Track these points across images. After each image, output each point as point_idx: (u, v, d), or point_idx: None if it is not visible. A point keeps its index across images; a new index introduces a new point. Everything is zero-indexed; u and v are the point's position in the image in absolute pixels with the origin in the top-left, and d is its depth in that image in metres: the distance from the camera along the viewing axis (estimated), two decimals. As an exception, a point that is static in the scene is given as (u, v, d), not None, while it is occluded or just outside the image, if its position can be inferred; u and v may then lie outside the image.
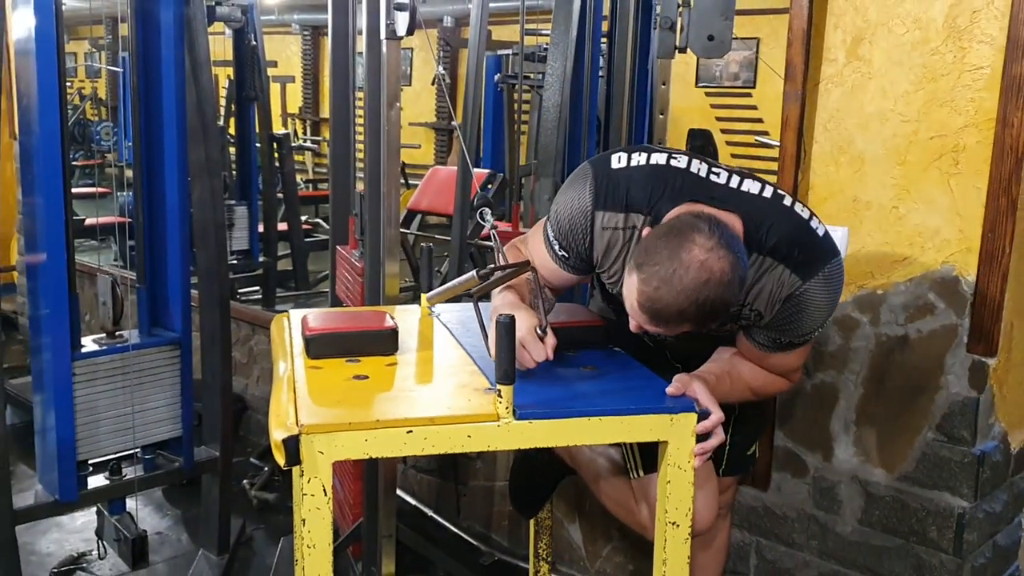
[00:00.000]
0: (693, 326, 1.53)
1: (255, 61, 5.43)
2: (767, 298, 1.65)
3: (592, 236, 1.72)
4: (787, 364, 1.81)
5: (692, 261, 1.47)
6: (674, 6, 2.52)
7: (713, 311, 1.51)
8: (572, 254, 1.77)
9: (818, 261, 1.66)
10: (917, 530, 2.25)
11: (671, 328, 1.54)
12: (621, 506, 2.02)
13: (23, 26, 2.39)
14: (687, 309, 1.48)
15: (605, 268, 1.76)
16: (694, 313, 1.49)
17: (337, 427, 1.40)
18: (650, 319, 1.53)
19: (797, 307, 1.65)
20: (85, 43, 12.22)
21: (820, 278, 1.65)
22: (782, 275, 1.63)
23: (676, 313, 1.49)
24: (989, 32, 2.04)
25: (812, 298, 1.65)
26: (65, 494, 2.58)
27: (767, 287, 1.64)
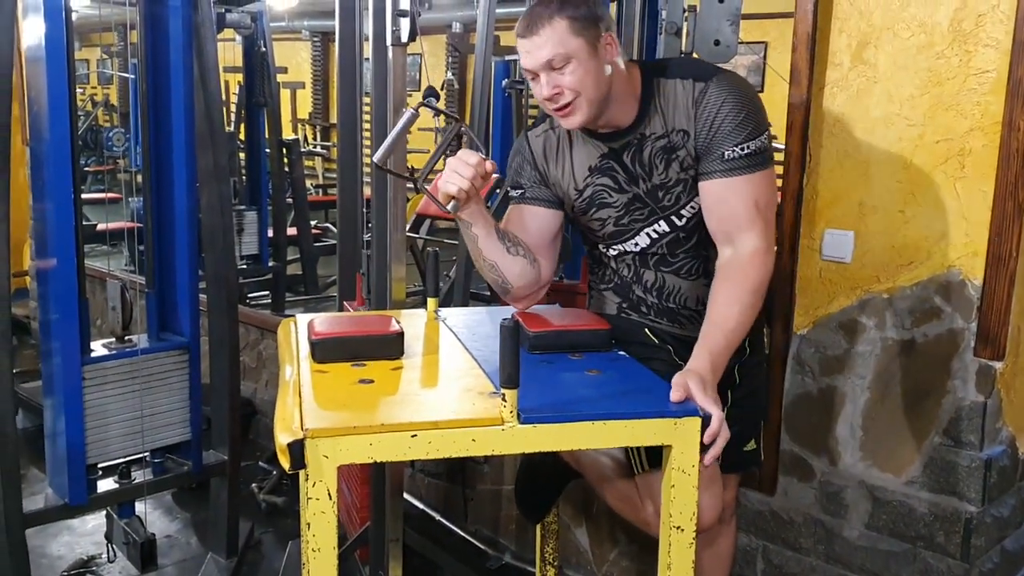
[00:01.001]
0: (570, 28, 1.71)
1: (265, 67, 5.46)
2: (682, 111, 1.81)
3: (531, 152, 1.97)
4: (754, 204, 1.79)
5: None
6: (680, 11, 2.54)
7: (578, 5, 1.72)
8: (525, 181, 1.98)
9: (713, 68, 1.85)
10: (924, 535, 2.25)
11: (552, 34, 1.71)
12: (626, 504, 2.03)
13: (33, 33, 2.41)
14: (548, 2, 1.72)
15: (555, 172, 1.94)
16: (556, 4, 1.72)
17: (342, 431, 1.41)
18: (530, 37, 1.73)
19: (711, 107, 1.79)
20: (98, 50, 12.28)
21: (720, 77, 1.81)
22: (685, 85, 1.82)
23: (544, 13, 1.72)
24: (994, 36, 2.04)
25: (720, 93, 1.79)
26: (75, 498, 2.59)
27: (674, 100, 1.82)
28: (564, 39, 1.72)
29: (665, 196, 1.89)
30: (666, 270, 1.96)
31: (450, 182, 1.76)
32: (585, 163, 1.93)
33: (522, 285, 1.93)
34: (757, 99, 1.82)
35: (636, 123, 1.86)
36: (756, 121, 1.79)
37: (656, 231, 1.93)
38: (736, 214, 1.80)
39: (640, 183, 1.90)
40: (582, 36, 1.73)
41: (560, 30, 1.72)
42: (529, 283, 1.94)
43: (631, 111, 1.85)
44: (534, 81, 1.78)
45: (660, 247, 1.95)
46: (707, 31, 2.44)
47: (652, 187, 1.89)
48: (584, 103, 1.77)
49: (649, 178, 1.89)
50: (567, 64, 1.73)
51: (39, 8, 2.36)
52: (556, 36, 1.72)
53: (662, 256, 1.96)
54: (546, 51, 1.73)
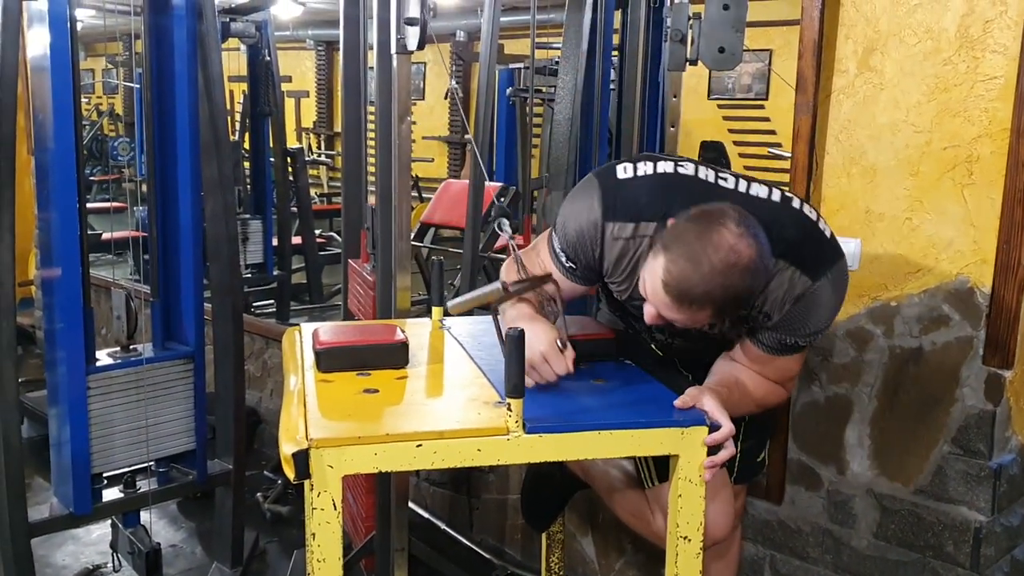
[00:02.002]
0: (713, 314, 1.55)
1: (269, 76, 5.47)
2: (777, 299, 1.67)
3: (603, 247, 1.73)
4: (787, 370, 1.81)
5: (722, 243, 1.49)
6: (685, 19, 2.53)
7: (737, 297, 1.53)
8: (580, 265, 1.78)
9: (826, 262, 1.69)
10: (933, 544, 2.23)
11: (691, 313, 1.54)
12: (636, 517, 2.01)
13: (38, 43, 2.42)
14: (713, 291, 1.50)
15: (615, 278, 1.77)
16: (720, 296, 1.50)
17: (346, 441, 1.40)
18: (673, 301, 1.53)
19: (806, 307, 1.68)
20: (103, 60, 12.33)
21: (828, 279, 1.68)
22: (792, 276, 1.65)
23: (702, 294, 1.50)
24: (1002, 42, 2.03)
25: (820, 298, 1.68)
26: (80, 507, 2.59)
27: (777, 288, 1.66)
28: (702, 320, 1.57)
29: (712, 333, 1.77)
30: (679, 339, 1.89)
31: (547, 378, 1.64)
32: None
33: None
34: (843, 299, 1.75)
35: None
36: (830, 322, 1.74)
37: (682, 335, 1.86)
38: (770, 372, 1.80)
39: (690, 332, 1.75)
40: (719, 317, 1.59)
41: (704, 315, 1.55)
42: None
43: None
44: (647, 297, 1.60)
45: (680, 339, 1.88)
46: (712, 39, 2.43)
47: (699, 335, 1.76)
48: None
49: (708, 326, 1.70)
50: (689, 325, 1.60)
51: (44, 18, 2.36)
52: (696, 318, 1.56)
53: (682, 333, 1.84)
54: (678, 318, 1.57)
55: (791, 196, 1.72)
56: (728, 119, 8.64)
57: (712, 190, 1.67)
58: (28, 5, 2.39)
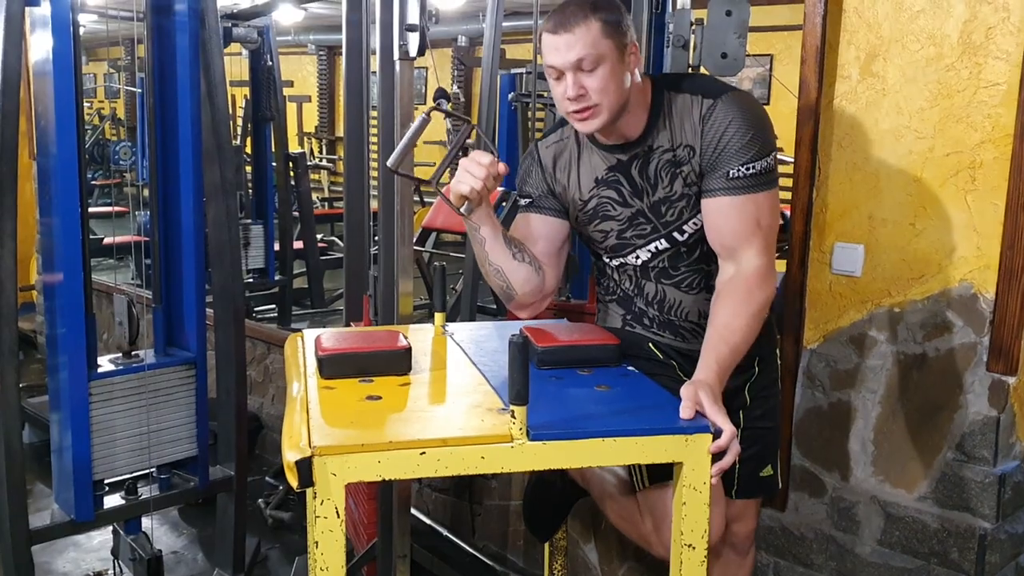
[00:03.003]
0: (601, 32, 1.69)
1: (271, 81, 5.47)
2: (690, 126, 1.80)
3: (540, 161, 1.96)
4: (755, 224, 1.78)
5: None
6: (687, 24, 2.53)
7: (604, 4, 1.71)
8: (534, 190, 1.97)
9: (724, 87, 1.82)
10: (938, 551, 2.22)
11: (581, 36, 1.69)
12: (626, 520, 2.01)
13: (41, 48, 2.42)
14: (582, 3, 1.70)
15: (563, 181, 1.94)
16: (590, 6, 1.70)
17: (350, 449, 1.39)
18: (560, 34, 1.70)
19: (718, 125, 1.77)
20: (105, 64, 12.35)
21: (729, 95, 1.79)
22: (694, 100, 1.80)
23: (577, 12, 1.70)
24: (1004, 48, 2.03)
25: (727, 111, 1.77)
26: (81, 514, 2.58)
27: (682, 115, 1.81)
28: (597, 40, 1.70)
29: (668, 211, 1.88)
30: (667, 283, 1.95)
31: (462, 182, 1.75)
32: (592, 174, 1.92)
33: (526, 292, 1.92)
34: (766, 119, 1.80)
35: (644, 135, 1.85)
36: (763, 141, 1.78)
37: (657, 247, 1.92)
38: (738, 232, 1.79)
39: (644, 197, 1.89)
40: (612, 40, 1.71)
41: (594, 31, 1.70)
42: (533, 290, 1.93)
43: (640, 123, 1.84)
44: (557, 80, 1.76)
45: (661, 261, 1.94)
46: (714, 44, 2.43)
47: (655, 201, 1.88)
48: (605, 108, 1.76)
49: (653, 192, 1.87)
50: (597, 67, 1.72)
51: (47, 23, 2.36)
52: (590, 36, 1.70)
53: (663, 269, 1.95)
54: (577, 50, 1.70)
55: None
56: (729, 124, 8.63)
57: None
58: (31, 10, 2.39)
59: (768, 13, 6.82)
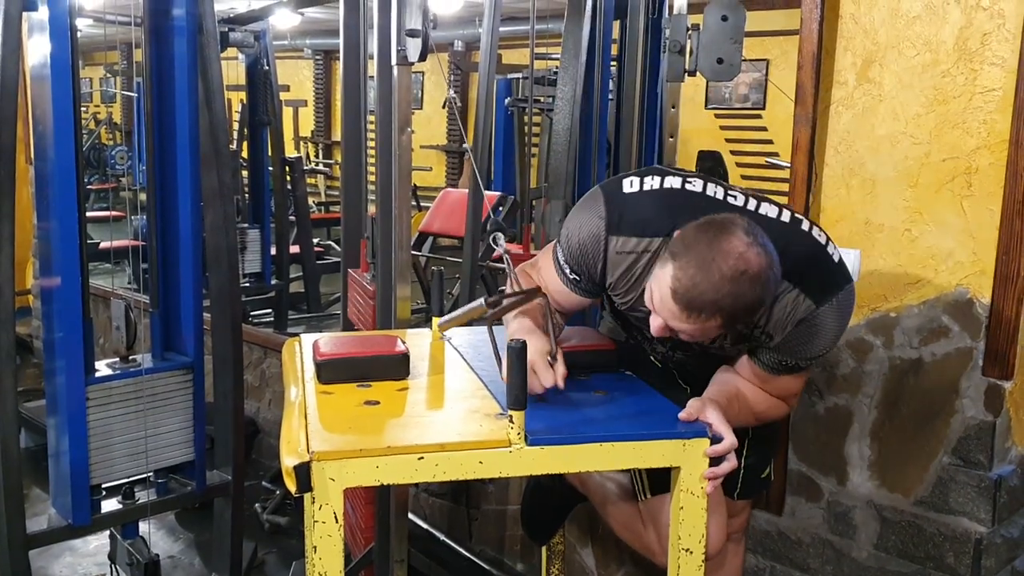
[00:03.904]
0: (722, 324, 1.52)
1: (268, 85, 5.48)
2: (780, 320, 1.64)
3: (605, 261, 1.71)
4: (788, 388, 1.80)
5: (731, 250, 1.47)
6: (683, 30, 2.53)
7: (746, 307, 1.50)
8: (584, 277, 1.76)
9: (833, 287, 1.65)
10: (934, 555, 2.23)
11: (700, 322, 1.50)
12: (628, 529, 2.01)
13: (39, 53, 2.42)
14: (722, 299, 1.47)
15: (618, 291, 1.76)
16: (729, 305, 1.47)
17: (348, 454, 1.40)
18: (682, 309, 1.50)
19: (808, 331, 1.65)
20: (100, 68, 12.34)
21: (834, 304, 1.65)
22: (796, 298, 1.63)
23: (711, 302, 1.47)
24: (1000, 54, 2.04)
25: (823, 323, 1.65)
26: (79, 518, 2.58)
27: (781, 310, 1.63)
28: (710, 330, 1.54)
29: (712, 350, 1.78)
30: (680, 353, 1.89)
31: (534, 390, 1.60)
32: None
33: None
34: (847, 324, 1.71)
35: None
36: (832, 347, 1.73)
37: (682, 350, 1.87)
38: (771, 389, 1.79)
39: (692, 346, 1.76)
40: (728, 328, 1.57)
41: (713, 325, 1.52)
42: None
43: None
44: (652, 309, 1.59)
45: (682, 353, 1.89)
46: (711, 49, 2.44)
47: (701, 350, 1.78)
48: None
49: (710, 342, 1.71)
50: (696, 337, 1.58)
51: (45, 28, 2.36)
52: (704, 328, 1.53)
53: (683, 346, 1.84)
54: (685, 328, 1.54)
55: (800, 218, 1.71)
56: (725, 129, 8.67)
57: (719, 207, 1.65)
58: (29, 15, 2.39)
59: (764, 18, 6.84)
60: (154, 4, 2.63)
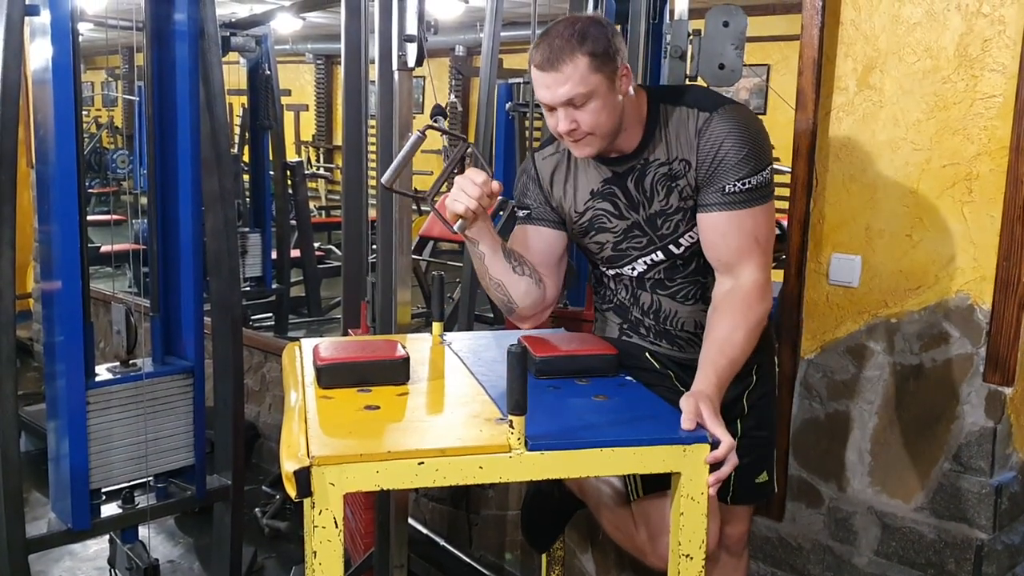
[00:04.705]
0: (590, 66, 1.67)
1: (269, 90, 5.49)
2: (685, 140, 1.80)
3: (537, 172, 1.97)
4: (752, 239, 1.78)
5: (560, 20, 1.74)
6: (684, 35, 2.54)
7: (595, 38, 1.68)
8: (531, 202, 1.98)
9: (720, 100, 1.82)
10: (935, 562, 2.22)
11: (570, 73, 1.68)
12: (620, 531, 2.01)
13: (40, 56, 2.42)
14: (572, 42, 1.67)
15: (559, 193, 1.94)
16: (579, 42, 1.67)
17: (348, 459, 1.39)
18: (549, 72, 1.69)
19: (713, 136, 1.77)
20: (102, 72, 12.36)
21: (726, 109, 1.79)
22: (690, 114, 1.80)
23: (564, 48, 1.67)
24: (1001, 60, 2.04)
25: (724, 125, 1.77)
26: (78, 522, 2.57)
27: (677, 129, 1.81)
28: (585, 77, 1.69)
29: (664, 224, 1.88)
30: (663, 293, 1.96)
31: (457, 200, 1.75)
32: (587, 186, 1.93)
33: (527, 304, 1.93)
34: (762, 132, 1.80)
35: (640, 148, 1.85)
36: (759, 155, 1.78)
37: (653, 259, 1.93)
38: (735, 248, 1.79)
39: (640, 210, 1.89)
40: (601, 72, 1.70)
41: (582, 68, 1.68)
42: (534, 302, 1.93)
43: (636, 136, 1.84)
44: (549, 112, 1.76)
45: (657, 272, 1.94)
46: (712, 55, 2.44)
47: (651, 214, 1.88)
48: (599, 137, 1.77)
49: (649, 205, 1.88)
50: (587, 102, 1.71)
51: (47, 32, 2.36)
52: (578, 74, 1.69)
53: (659, 281, 1.95)
54: (566, 88, 1.70)
55: None
56: (726, 134, 8.66)
57: None
58: (30, 19, 2.40)
59: (765, 24, 6.85)
60: (156, 8, 2.64)
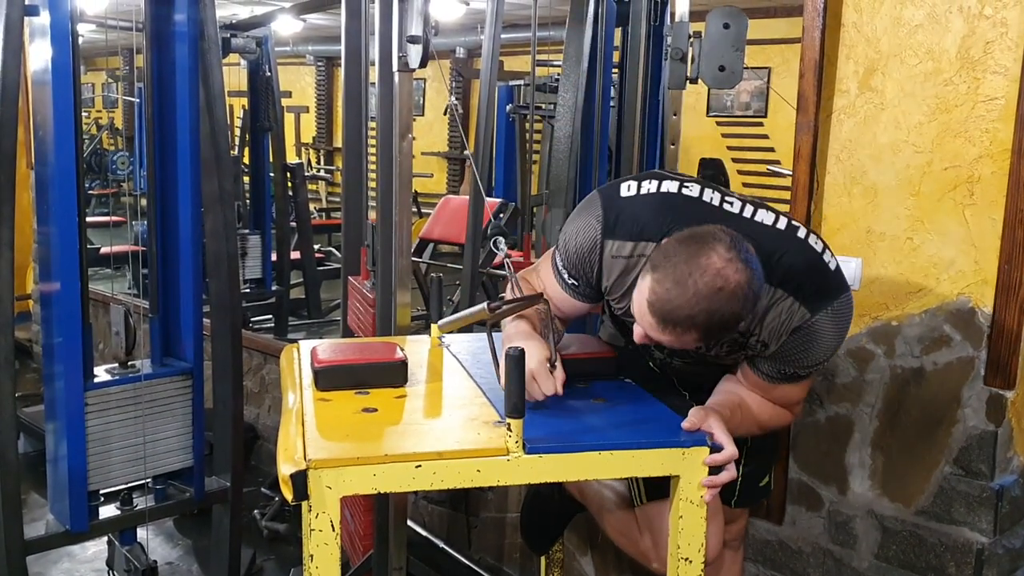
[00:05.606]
0: (699, 338, 1.50)
1: (269, 91, 5.48)
2: (774, 329, 1.63)
3: (601, 265, 1.71)
4: (790, 396, 1.78)
5: (709, 267, 1.45)
6: (685, 37, 2.53)
7: (722, 323, 1.48)
8: (581, 282, 1.76)
9: (828, 295, 1.63)
10: (935, 566, 2.22)
11: (677, 336, 1.49)
12: (624, 536, 2.00)
13: (40, 58, 2.41)
14: (697, 316, 1.45)
15: (614, 296, 1.75)
16: (703, 321, 1.46)
17: (345, 462, 1.39)
18: (658, 323, 1.49)
19: (804, 340, 1.63)
20: (103, 74, 12.37)
21: (829, 312, 1.62)
22: (791, 307, 1.61)
23: (685, 318, 1.46)
24: (1003, 63, 2.03)
25: (820, 332, 1.63)
26: (76, 524, 2.57)
27: (775, 318, 1.62)
28: (688, 343, 1.52)
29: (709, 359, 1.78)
30: (677, 360, 1.89)
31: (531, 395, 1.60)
32: None
33: None
34: (846, 333, 1.68)
35: None
36: (831, 355, 1.70)
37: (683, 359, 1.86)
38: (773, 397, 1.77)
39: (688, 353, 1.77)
40: (707, 342, 1.55)
41: (690, 338, 1.50)
42: None
43: None
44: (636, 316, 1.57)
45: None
46: (712, 57, 2.44)
47: (702, 354, 1.76)
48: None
49: (705, 349, 1.72)
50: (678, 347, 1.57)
51: (46, 33, 2.36)
52: (682, 340, 1.51)
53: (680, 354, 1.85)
54: (664, 339, 1.53)
55: (798, 225, 1.68)
56: (727, 136, 8.67)
57: (714, 213, 1.64)
58: (30, 20, 2.39)
59: (766, 26, 6.86)
60: (156, 9, 2.63)
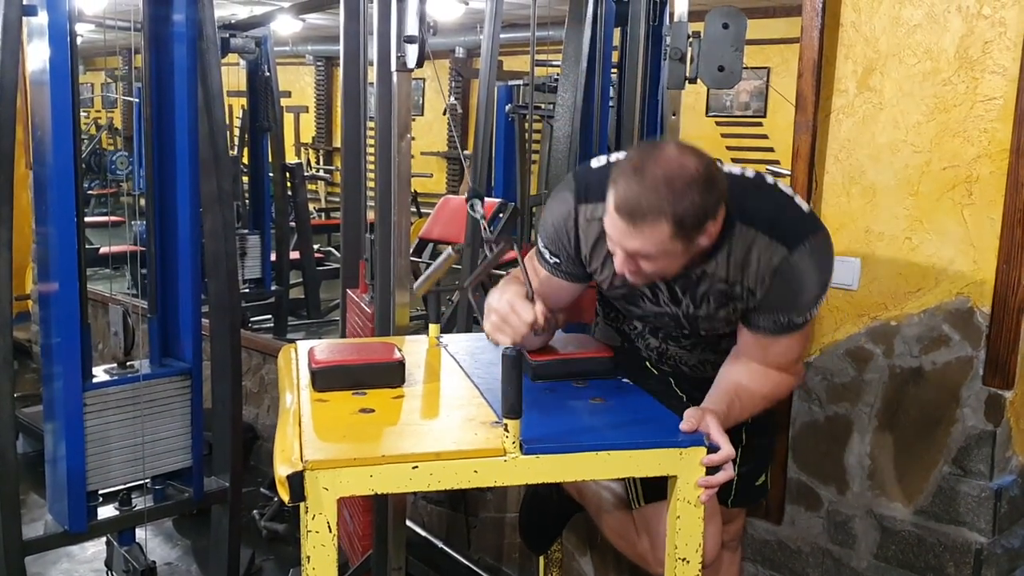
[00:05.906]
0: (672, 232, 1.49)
1: (269, 91, 5.48)
2: (755, 270, 1.64)
3: (577, 231, 1.73)
4: (788, 354, 1.77)
5: (665, 156, 1.49)
6: (684, 37, 2.53)
7: (690, 210, 1.48)
8: (563, 257, 1.78)
9: (804, 231, 1.64)
10: (934, 565, 2.21)
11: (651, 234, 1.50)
12: (622, 537, 2.00)
13: (38, 58, 2.41)
14: (662, 203, 1.47)
15: (595, 264, 1.76)
16: (670, 208, 1.47)
17: (342, 463, 1.39)
18: (628, 224, 1.50)
19: (788, 280, 1.63)
20: (102, 74, 12.37)
21: (807, 247, 1.63)
22: (768, 245, 1.62)
23: (652, 207, 1.47)
24: (1001, 63, 2.03)
25: (802, 269, 1.63)
26: (75, 524, 2.57)
27: (754, 259, 1.63)
28: (664, 242, 1.51)
29: (703, 324, 1.79)
30: (673, 345, 1.91)
31: (500, 331, 1.62)
32: None
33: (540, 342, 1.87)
34: (830, 270, 1.69)
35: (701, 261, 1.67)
36: (819, 294, 1.68)
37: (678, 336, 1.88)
38: (774, 359, 1.76)
39: (681, 306, 1.77)
40: (682, 240, 1.52)
41: (662, 234, 1.50)
42: (546, 338, 1.89)
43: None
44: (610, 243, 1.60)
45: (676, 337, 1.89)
46: (712, 57, 2.43)
47: (694, 315, 1.77)
48: (657, 277, 1.66)
49: (694, 308, 1.75)
50: (657, 258, 1.56)
51: (44, 33, 2.36)
52: (655, 238, 1.51)
53: (675, 338, 1.89)
54: (638, 244, 1.53)
55: (765, 175, 1.71)
56: (726, 136, 8.67)
57: None
58: (28, 19, 2.39)
59: (765, 26, 6.85)
60: (154, 10, 2.63)
